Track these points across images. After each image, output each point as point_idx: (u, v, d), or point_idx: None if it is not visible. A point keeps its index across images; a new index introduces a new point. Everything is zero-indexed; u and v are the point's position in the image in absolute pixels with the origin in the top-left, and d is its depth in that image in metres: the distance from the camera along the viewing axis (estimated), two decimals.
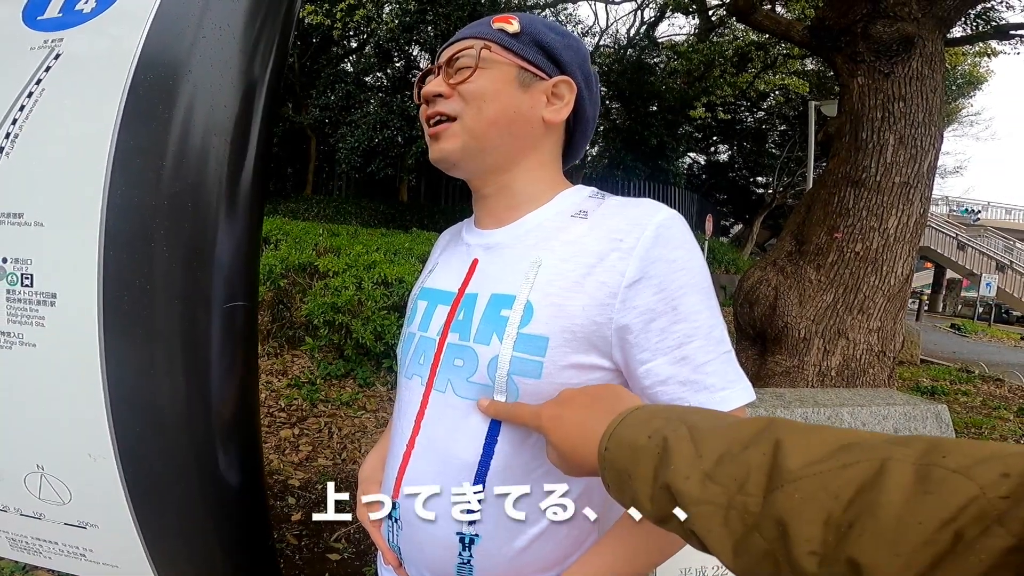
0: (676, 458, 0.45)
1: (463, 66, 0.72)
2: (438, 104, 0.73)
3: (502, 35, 0.73)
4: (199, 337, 0.97)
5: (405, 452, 0.72)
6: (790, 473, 0.38)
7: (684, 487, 0.43)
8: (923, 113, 3.94)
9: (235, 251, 1.00)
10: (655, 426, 0.49)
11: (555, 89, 0.74)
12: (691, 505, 0.43)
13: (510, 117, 0.72)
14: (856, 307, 4.02)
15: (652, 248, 0.64)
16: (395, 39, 12.02)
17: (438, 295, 0.78)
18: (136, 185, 0.93)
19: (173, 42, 0.99)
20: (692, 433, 0.46)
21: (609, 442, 0.52)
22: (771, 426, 0.43)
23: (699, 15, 11.84)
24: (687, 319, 0.64)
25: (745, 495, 0.40)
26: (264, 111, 1.06)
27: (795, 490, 0.37)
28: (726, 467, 0.42)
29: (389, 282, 4.36)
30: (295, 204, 12.16)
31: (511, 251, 0.73)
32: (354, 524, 2.69)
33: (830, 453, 0.38)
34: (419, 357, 0.75)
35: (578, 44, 0.78)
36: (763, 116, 17.44)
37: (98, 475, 1.00)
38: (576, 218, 0.72)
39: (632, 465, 0.49)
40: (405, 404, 0.76)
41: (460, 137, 0.72)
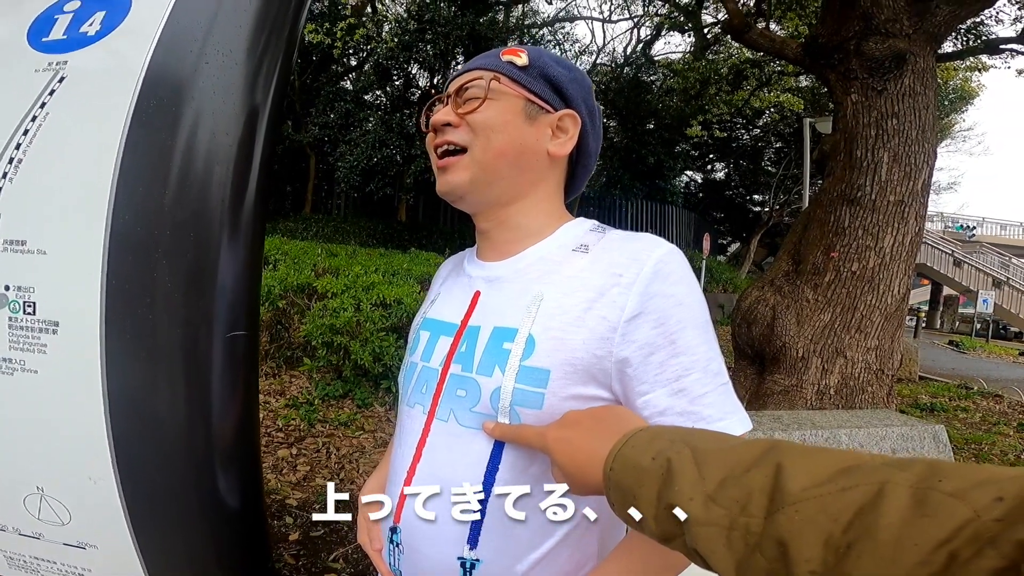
0: (680, 480, 0.46)
1: (472, 96, 0.73)
2: (447, 133, 0.74)
3: (511, 67, 0.74)
4: (201, 364, 0.98)
5: (406, 478, 0.73)
6: (791, 495, 0.39)
7: (687, 509, 0.45)
8: (916, 130, 3.98)
9: (236, 278, 1.00)
10: (658, 447, 0.50)
11: (560, 123, 0.76)
12: (695, 526, 0.44)
13: (517, 149, 0.73)
14: (854, 326, 4.03)
15: (651, 283, 0.66)
16: (394, 57, 12.14)
17: (441, 326, 0.79)
18: (139, 213, 0.93)
19: (176, 66, 1.00)
20: (695, 455, 0.47)
21: (614, 463, 0.53)
22: (773, 449, 0.44)
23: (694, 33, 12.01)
24: (685, 353, 0.66)
25: (747, 516, 0.41)
26: (266, 136, 1.06)
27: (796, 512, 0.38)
28: (729, 489, 0.43)
29: (388, 303, 4.36)
30: (294, 223, 12.19)
31: (513, 285, 0.74)
32: (352, 544, 2.67)
33: (830, 476, 0.39)
34: (421, 386, 0.76)
35: (583, 78, 0.80)
36: (759, 134, 17.59)
37: (98, 497, 1.00)
38: (577, 252, 0.73)
39: (636, 486, 0.50)
40: (406, 432, 0.76)
41: (469, 170, 0.73)
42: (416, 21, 11.79)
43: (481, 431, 0.68)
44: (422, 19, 11.66)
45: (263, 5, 1.07)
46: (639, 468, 0.50)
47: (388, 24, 12.33)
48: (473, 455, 0.69)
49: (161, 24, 1.02)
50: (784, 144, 16.91)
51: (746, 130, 17.43)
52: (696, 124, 11.42)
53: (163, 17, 1.03)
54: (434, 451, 0.72)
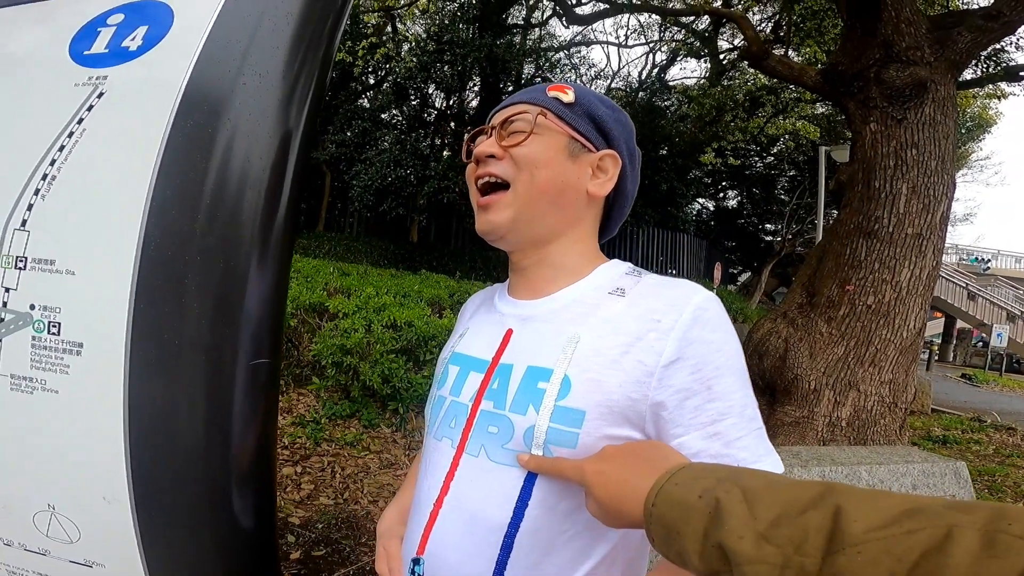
0: (729, 518, 0.47)
1: (517, 130, 0.74)
2: (489, 165, 0.75)
3: (557, 104, 0.75)
4: (222, 390, 0.97)
5: (432, 511, 0.73)
6: (852, 537, 0.39)
7: (738, 546, 0.45)
8: (936, 161, 3.93)
9: (263, 306, 0.99)
10: (705, 486, 0.51)
11: (601, 162, 0.77)
12: (745, 564, 0.44)
13: (559, 187, 0.74)
14: (868, 360, 3.97)
15: (690, 330, 0.66)
16: (412, 77, 12.32)
17: (471, 361, 0.79)
18: (170, 237, 0.92)
19: (214, 86, 0.98)
20: (745, 494, 0.48)
21: (657, 499, 0.54)
22: (830, 492, 0.44)
23: (710, 59, 12.12)
24: (721, 398, 0.66)
25: (803, 556, 0.41)
26: (297, 159, 1.05)
27: (858, 553, 0.38)
28: (782, 529, 0.44)
29: (398, 325, 4.36)
30: (307, 240, 12.28)
31: (548, 325, 0.74)
32: (354, 565, 2.64)
33: (893, 518, 0.39)
34: (450, 420, 0.76)
35: (626, 120, 0.80)
36: (772, 161, 17.60)
37: (110, 517, 0.98)
38: (614, 295, 0.73)
39: (681, 523, 0.50)
40: (433, 464, 0.76)
41: (512, 208, 0.73)
42: (435, 42, 12.00)
43: (512, 467, 0.69)
44: (441, 40, 11.87)
45: (301, 23, 1.05)
46: (685, 505, 0.51)
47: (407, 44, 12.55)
48: (503, 490, 0.69)
49: (202, 41, 1.01)
50: (798, 172, 16.90)
51: (760, 158, 17.45)
52: (710, 151, 11.46)
53: (204, 34, 1.01)
54: (462, 484, 0.72)
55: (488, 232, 0.76)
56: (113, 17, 1.10)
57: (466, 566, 0.69)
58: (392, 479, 3.49)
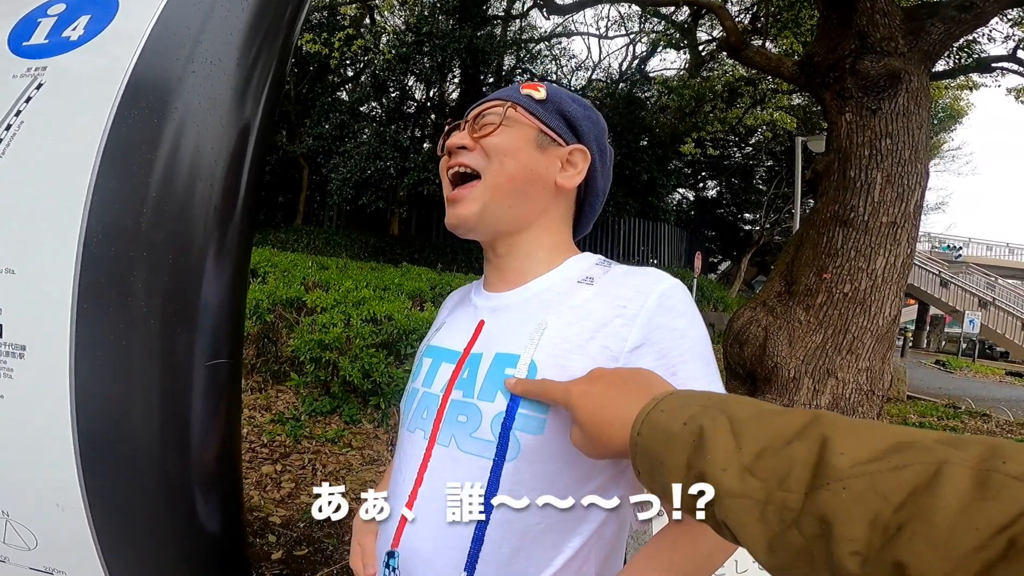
0: (713, 448, 0.44)
1: (488, 122, 0.76)
2: (460, 156, 0.77)
3: (528, 100, 0.77)
4: (178, 393, 0.93)
5: (407, 503, 0.72)
6: (837, 471, 0.37)
7: (721, 479, 0.43)
8: (910, 150, 4.00)
9: (220, 304, 0.96)
10: (691, 413, 0.48)
11: (570, 156, 0.78)
12: (727, 497, 0.42)
13: (527, 176, 0.75)
14: (845, 348, 4.02)
15: (655, 316, 0.67)
16: (391, 70, 12.19)
17: (443, 353, 0.79)
18: (114, 233, 0.88)
19: (161, 75, 0.95)
20: (732, 424, 0.45)
21: (642, 427, 0.51)
22: (817, 421, 0.42)
23: (689, 51, 12.17)
24: (686, 385, 0.65)
25: (785, 491, 0.39)
26: (255, 151, 1.02)
27: (843, 488, 0.36)
28: (767, 461, 0.41)
29: (378, 319, 4.32)
30: (285, 235, 12.12)
31: (517, 314, 0.75)
32: (337, 564, 2.60)
33: (881, 452, 0.37)
34: (422, 412, 0.76)
35: (598, 118, 0.83)
36: (751, 152, 17.77)
37: (66, 524, 0.95)
38: (582, 284, 0.74)
39: (665, 452, 0.48)
40: (407, 456, 0.76)
41: (480, 200, 0.75)
42: (414, 34, 11.86)
43: (481, 456, 0.68)
44: (420, 32, 11.74)
45: (256, 12, 1.03)
46: (669, 433, 0.48)
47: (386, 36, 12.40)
48: (472, 480, 0.68)
49: (148, 29, 0.98)
50: (775, 163, 17.09)
51: (738, 148, 17.61)
52: (690, 141, 11.52)
53: (151, 22, 0.99)
54: (435, 476, 0.71)
55: (457, 226, 0.77)
56: (55, 7, 1.07)
57: (439, 559, 0.68)
58: (375, 476, 3.46)
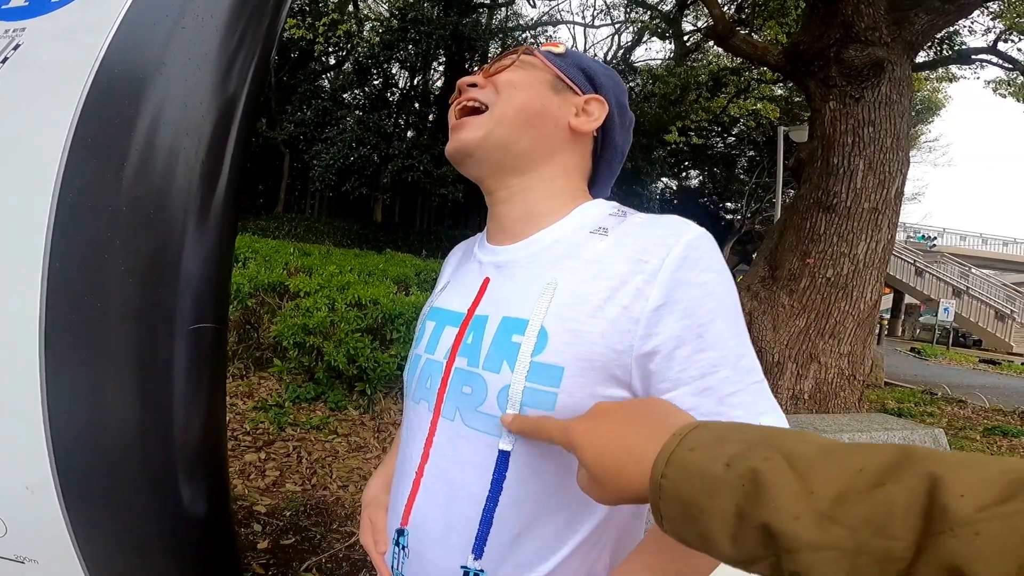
0: (776, 494, 0.38)
1: (501, 62, 0.74)
2: (471, 92, 0.73)
3: (547, 52, 0.75)
4: (158, 362, 0.88)
5: (415, 479, 0.69)
6: (961, 516, 0.33)
7: (794, 529, 0.37)
8: (891, 138, 4.05)
9: (204, 266, 0.90)
10: (732, 452, 0.42)
11: (586, 105, 0.74)
12: (804, 551, 0.36)
13: (537, 109, 0.71)
14: (827, 332, 4.08)
15: (678, 271, 0.60)
16: (374, 56, 12.01)
17: (447, 315, 0.74)
18: (91, 188, 0.83)
19: (147, 34, 0.91)
20: (792, 463, 0.39)
21: (667, 468, 0.44)
22: (911, 458, 0.37)
23: (674, 40, 12.17)
24: (713, 347, 0.60)
25: (886, 539, 0.35)
26: (244, 116, 0.97)
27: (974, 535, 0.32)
28: (852, 507, 0.36)
29: (363, 304, 4.25)
30: (266, 222, 11.94)
31: (525, 270, 0.69)
32: (325, 553, 2.58)
33: (1008, 491, 0.33)
34: (426, 380, 0.71)
35: (618, 78, 0.79)
36: (733, 142, 17.89)
37: (37, 509, 0.90)
38: (595, 235, 0.67)
39: (704, 498, 0.42)
40: (414, 429, 0.72)
41: (485, 127, 0.70)
42: (399, 20, 11.69)
43: (488, 434, 0.63)
44: (405, 18, 11.57)
45: None
46: (708, 476, 0.42)
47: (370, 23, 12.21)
48: (480, 459, 0.64)
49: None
50: (757, 152, 17.22)
51: (721, 138, 17.71)
52: (674, 130, 11.54)
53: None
54: (441, 451, 0.67)
55: (457, 150, 0.72)
56: None
57: (448, 539, 0.65)
58: (362, 463, 3.42)
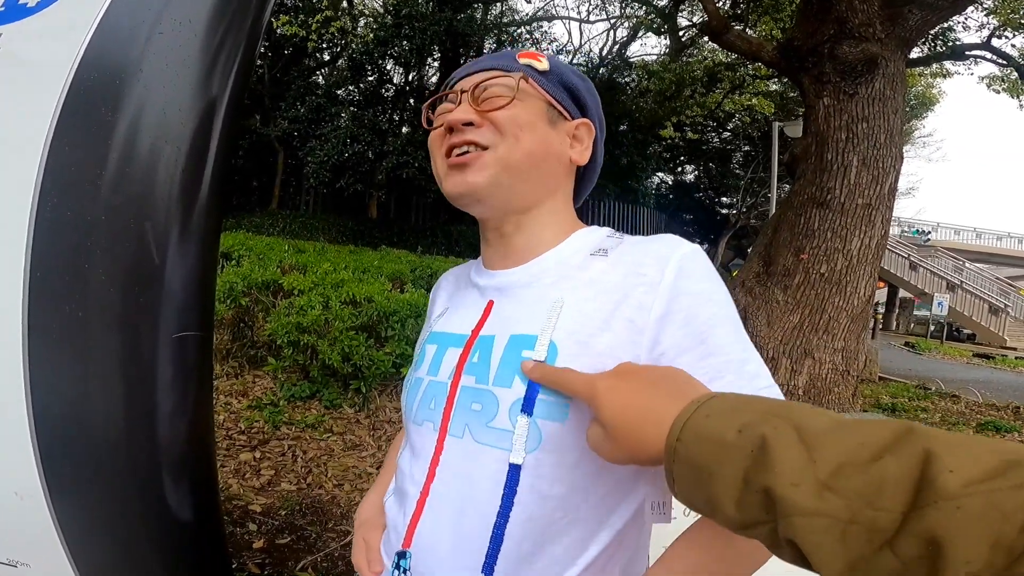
0: (781, 461, 0.40)
1: (496, 95, 0.69)
2: (467, 133, 0.69)
3: (532, 71, 0.71)
4: (142, 368, 0.88)
5: (419, 500, 0.68)
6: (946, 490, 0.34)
7: (792, 495, 0.39)
8: (885, 134, 4.06)
9: (187, 274, 0.90)
10: (745, 419, 0.44)
11: (576, 131, 0.74)
12: (799, 516, 0.38)
13: (544, 151, 0.70)
14: (822, 327, 4.09)
15: (677, 281, 0.62)
16: (369, 53, 11.97)
17: (448, 338, 0.74)
18: (70, 197, 0.83)
19: (125, 37, 0.90)
20: (801, 434, 0.41)
21: (683, 433, 0.46)
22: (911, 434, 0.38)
23: (670, 36, 12.16)
24: (716, 354, 0.61)
25: (876, 510, 0.36)
26: (226, 119, 0.96)
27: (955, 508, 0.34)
28: (849, 478, 0.38)
29: (358, 301, 4.24)
30: (260, 219, 11.89)
31: (529, 291, 0.70)
32: (321, 552, 2.58)
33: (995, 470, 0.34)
34: (429, 402, 0.71)
35: (595, 90, 0.78)
36: (728, 137, 17.92)
37: (26, 513, 0.90)
38: (596, 256, 0.69)
39: (715, 463, 0.43)
40: (416, 449, 0.71)
41: (492, 169, 0.68)
42: (393, 16, 11.65)
43: (499, 448, 0.63)
44: (399, 14, 11.53)
45: None
46: (720, 442, 0.43)
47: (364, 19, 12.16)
48: (490, 474, 0.63)
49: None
50: (752, 148, 17.24)
51: (717, 133, 17.74)
52: (670, 125, 11.55)
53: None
54: (449, 469, 0.67)
55: (463, 194, 0.69)
56: None
57: (457, 558, 0.63)
58: (357, 461, 3.42)
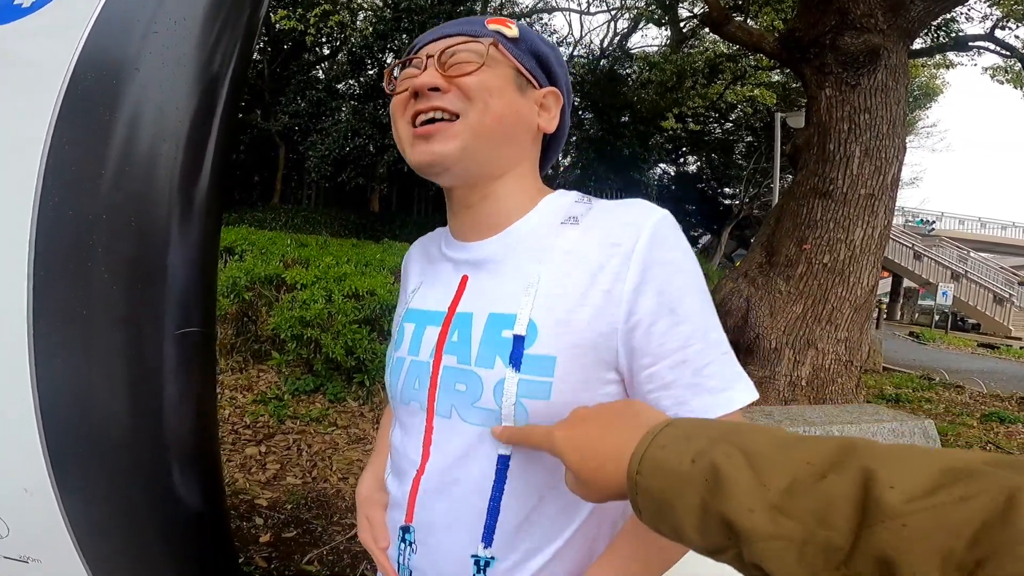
0: (733, 488, 0.41)
1: (464, 60, 0.67)
2: (434, 99, 0.67)
3: (501, 37, 0.70)
4: (146, 365, 0.89)
5: (415, 477, 0.70)
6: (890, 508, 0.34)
7: (748, 522, 0.39)
8: (887, 125, 4.04)
9: (189, 270, 0.91)
10: (697, 448, 0.45)
11: (544, 99, 0.73)
12: (758, 541, 0.39)
13: (514, 118, 0.70)
14: (824, 318, 4.09)
15: (651, 250, 0.63)
16: (368, 46, 11.94)
17: (425, 315, 0.74)
18: (71, 195, 0.84)
19: (120, 36, 0.91)
20: (748, 458, 0.42)
21: (641, 466, 0.47)
22: (851, 451, 0.39)
23: (671, 27, 12.08)
24: (685, 321, 0.63)
25: (828, 529, 0.36)
26: (224, 116, 0.97)
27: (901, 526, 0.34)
28: (799, 499, 0.38)
29: (360, 295, 4.25)
30: (262, 214, 11.90)
31: (504, 265, 0.70)
32: (327, 545, 2.60)
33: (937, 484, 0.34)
34: (413, 382, 0.72)
35: (563, 60, 0.78)
36: (730, 127, 17.82)
37: (36, 510, 0.91)
38: (567, 224, 0.69)
39: (673, 494, 0.44)
40: (407, 428, 0.73)
41: (460, 137, 0.66)
42: (392, 10, 11.60)
43: (487, 427, 0.65)
44: (398, 8, 11.48)
45: None
46: (675, 473, 0.45)
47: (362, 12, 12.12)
48: (484, 451, 0.65)
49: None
50: (755, 138, 17.16)
51: (719, 124, 17.64)
52: (671, 117, 11.50)
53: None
54: (442, 448, 0.69)
55: (431, 163, 0.68)
56: None
57: (456, 531, 0.67)
58: (362, 454, 3.44)
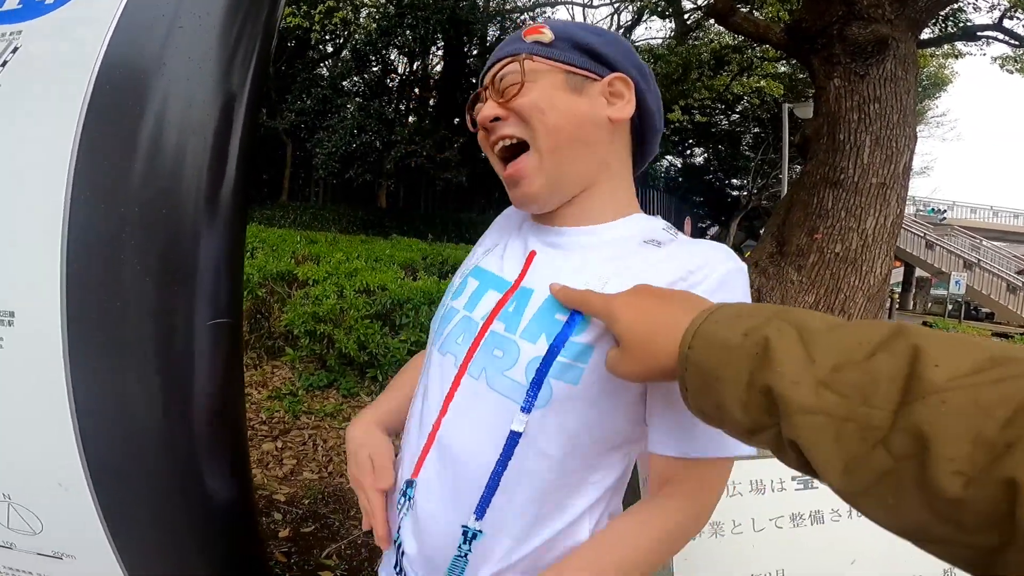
0: (782, 360, 0.40)
1: (510, 83, 0.70)
2: (497, 129, 0.71)
3: (538, 46, 0.70)
4: (177, 357, 0.90)
5: (431, 432, 0.70)
6: (933, 384, 0.34)
7: (792, 393, 0.38)
8: (898, 114, 4.01)
9: (217, 262, 0.92)
10: (751, 323, 0.44)
11: (611, 87, 0.72)
12: (798, 414, 0.38)
13: (574, 123, 0.69)
14: (837, 308, 4.07)
15: (717, 291, 0.63)
16: (372, 43, 11.94)
17: (492, 279, 0.75)
18: (101, 192, 0.85)
19: (145, 32, 0.91)
20: (801, 334, 0.41)
21: (694, 340, 0.46)
22: (902, 331, 0.38)
23: (675, 18, 11.99)
24: None
25: (870, 407, 0.36)
26: (248, 109, 0.98)
27: (940, 403, 0.33)
28: (846, 375, 0.37)
29: (371, 290, 4.27)
30: (270, 211, 11.96)
31: (578, 257, 0.71)
32: (344, 540, 2.62)
33: (980, 365, 0.34)
34: (458, 336, 0.73)
35: (617, 39, 0.76)
36: (737, 119, 17.70)
37: (70, 504, 0.92)
38: (649, 245, 0.70)
39: (722, 366, 0.44)
40: (434, 379, 0.73)
41: (539, 170, 0.69)
42: (395, 6, 11.59)
43: (509, 398, 0.65)
44: (401, 4, 11.46)
45: None
46: (727, 345, 0.44)
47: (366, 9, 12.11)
48: (497, 422, 0.65)
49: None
50: (762, 129, 17.03)
51: (725, 115, 17.53)
52: (677, 108, 11.43)
53: None
54: (459, 409, 0.69)
55: (527, 205, 0.73)
56: None
57: (452, 497, 0.67)
58: None
